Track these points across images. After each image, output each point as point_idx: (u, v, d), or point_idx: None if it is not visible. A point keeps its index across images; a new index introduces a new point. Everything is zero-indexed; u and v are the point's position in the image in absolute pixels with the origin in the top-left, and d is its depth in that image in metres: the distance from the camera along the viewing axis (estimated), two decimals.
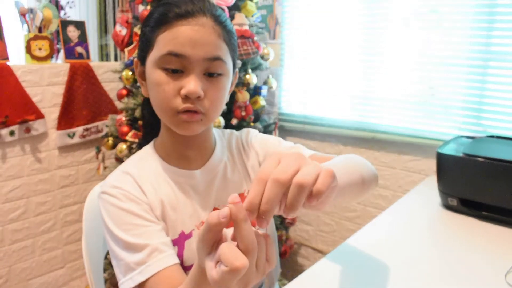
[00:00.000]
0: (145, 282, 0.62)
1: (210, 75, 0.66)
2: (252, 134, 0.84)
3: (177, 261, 0.65)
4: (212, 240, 0.41)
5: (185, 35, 0.63)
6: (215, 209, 0.75)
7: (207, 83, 0.66)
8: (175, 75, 0.64)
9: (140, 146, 0.83)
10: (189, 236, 0.72)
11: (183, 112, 0.65)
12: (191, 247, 0.72)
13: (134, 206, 0.67)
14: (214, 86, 0.66)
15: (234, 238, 0.41)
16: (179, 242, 0.71)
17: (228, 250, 0.38)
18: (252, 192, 0.40)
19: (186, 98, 0.64)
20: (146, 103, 0.81)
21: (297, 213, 0.42)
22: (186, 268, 0.71)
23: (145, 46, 0.68)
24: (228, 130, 0.85)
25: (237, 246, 0.39)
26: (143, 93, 0.73)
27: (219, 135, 0.82)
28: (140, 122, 1.55)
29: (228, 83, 0.70)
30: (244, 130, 0.85)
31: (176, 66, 0.64)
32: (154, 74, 0.65)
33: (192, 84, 0.63)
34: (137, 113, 1.53)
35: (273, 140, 0.82)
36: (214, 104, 0.67)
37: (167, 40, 0.63)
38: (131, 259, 0.63)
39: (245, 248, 0.38)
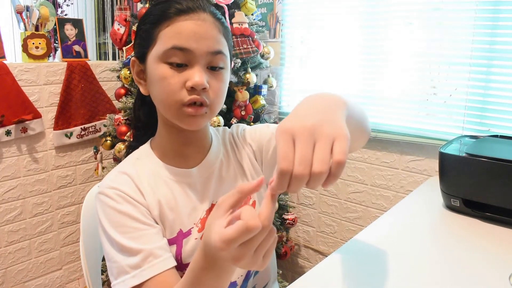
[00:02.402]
0: (138, 286, 0.62)
1: (213, 69, 0.68)
2: (241, 128, 0.85)
3: (173, 264, 0.65)
4: (232, 206, 0.46)
5: (189, 30, 0.65)
6: (213, 205, 0.75)
7: (210, 76, 0.67)
8: (180, 69, 0.66)
9: (131, 147, 0.81)
10: (187, 234, 0.72)
11: (188, 105, 0.66)
12: (189, 244, 0.72)
13: (131, 208, 0.67)
14: (217, 79, 0.68)
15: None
16: (177, 240, 0.71)
17: (250, 211, 0.43)
18: (277, 183, 0.43)
19: (192, 90, 0.65)
20: (141, 105, 0.81)
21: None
22: (184, 266, 0.71)
23: (146, 43, 0.69)
24: (221, 128, 0.86)
25: None
26: (142, 92, 0.73)
27: (215, 133, 0.83)
28: None
29: (228, 76, 0.73)
30: (234, 126, 0.86)
31: (181, 60, 0.65)
32: (158, 68, 0.66)
33: (197, 75, 0.64)
34: None
35: (261, 127, 0.83)
36: (217, 96, 0.69)
37: (171, 35, 0.65)
38: (126, 262, 0.63)
39: (262, 221, 0.43)
